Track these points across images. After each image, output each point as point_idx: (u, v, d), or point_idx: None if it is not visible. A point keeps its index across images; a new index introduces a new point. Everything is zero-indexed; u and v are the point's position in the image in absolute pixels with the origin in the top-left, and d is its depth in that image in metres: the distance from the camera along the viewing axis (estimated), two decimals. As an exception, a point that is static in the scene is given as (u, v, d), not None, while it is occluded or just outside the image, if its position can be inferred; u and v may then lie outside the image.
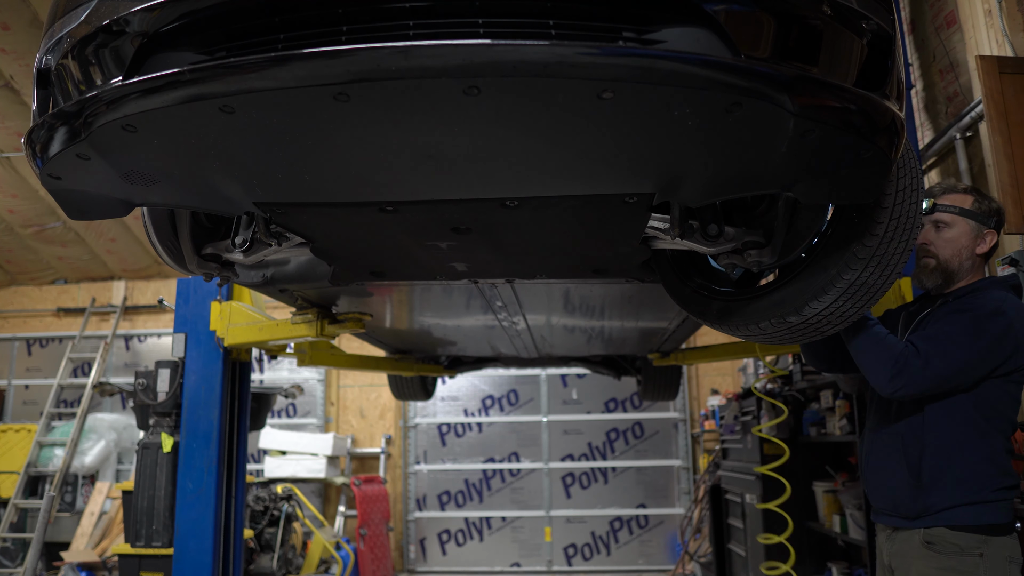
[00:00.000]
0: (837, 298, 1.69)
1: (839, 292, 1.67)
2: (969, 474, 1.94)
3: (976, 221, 2.09)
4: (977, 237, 2.09)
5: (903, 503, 2.01)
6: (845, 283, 1.65)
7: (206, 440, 3.42)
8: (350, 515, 7.82)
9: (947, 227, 2.10)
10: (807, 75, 1.18)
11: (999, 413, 1.97)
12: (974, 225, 2.09)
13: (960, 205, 2.10)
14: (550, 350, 4.53)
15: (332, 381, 8.83)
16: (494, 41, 1.06)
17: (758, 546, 5.02)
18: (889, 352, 1.94)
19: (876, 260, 1.63)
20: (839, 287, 1.67)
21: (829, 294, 1.68)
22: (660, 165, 1.39)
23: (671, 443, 8.38)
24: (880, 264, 1.64)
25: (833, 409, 4.45)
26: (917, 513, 1.98)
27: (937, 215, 2.12)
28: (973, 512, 1.92)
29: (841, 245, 1.65)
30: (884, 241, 1.61)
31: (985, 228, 2.09)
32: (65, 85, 1.30)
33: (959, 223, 2.09)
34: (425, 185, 1.48)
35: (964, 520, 1.92)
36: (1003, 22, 3.32)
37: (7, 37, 5.99)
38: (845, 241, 1.64)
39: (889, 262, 1.64)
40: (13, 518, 7.44)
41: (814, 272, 1.70)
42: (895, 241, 1.62)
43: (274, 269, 2.41)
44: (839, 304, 1.70)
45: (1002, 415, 1.97)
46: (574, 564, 8.23)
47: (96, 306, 9.19)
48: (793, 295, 1.75)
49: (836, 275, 1.66)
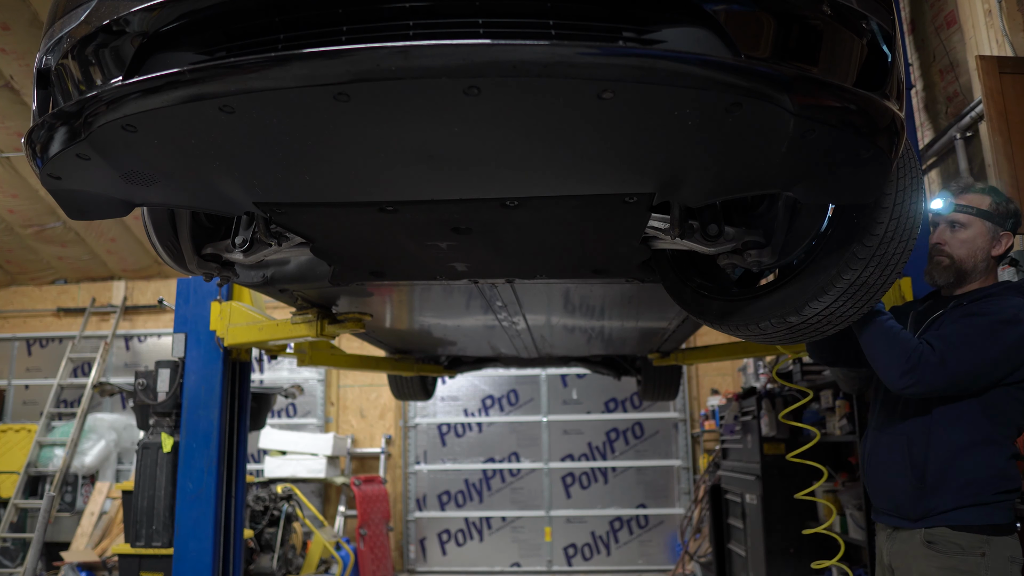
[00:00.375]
0: (837, 298, 1.69)
1: (839, 292, 1.68)
2: (973, 477, 1.93)
3: (992, 223, 2.05)
4: (993, 239, 2.05)
5: (905, 504, 2.01)
6: (845, 283, 1.66)
7: (206, 440, 3.42)
8: (350, 515, 7.82)
9: (963, 227, 2.06)
10: (807, 75, 1.18)
11: (1007, 419, 1.96)
12: (990, 227, 2.05)
13: (977, 206, 2.06)
14: (550, 350, 4.53)
15: (332, 381, 8.83)
16: (494, 41, 1.06)
17: (758, 546, 5.02)
18: (903, 347, 1.91)
19: (876, 260, 1.63)
20: (839, 287, 1.67)
21: (829, 294, 1.68)
22: (660, 165, 1.39)
23: (671, 443, 8.38)
24: (880, 264, 1.64)
25: (833, 409, 4.45)
26: (920, 515, 1.97)
27: (953, 215, 2.08)
28: (975, 513, 1.92)
29: (841, 245, 1.65)
30: (884, 241, 1.62)
31: (1001, 230, 2.05)
32: (65, 85, 1.30)
33: (975, 224, 2.05)
34: (425, 185, 1.48)
35: (966, 520, 1.91)
36: (1003, 22, 3.32)
37: (7, 37, 5.99)
38: (845, 241, 1.64)
39: (889, 262, 1.65)
40: (13, 518, 7.44)
41: (814, 272, 1.70)
42: (895, 241, 1.63)
43: (274, 269, 2.41)
44: (839, 304, 1.71)
45: (1010, 421, 1.96)
46: (574, 564, 8.23)
47: (96, 306, 9.19)
48: (793, 295, 1.75)
49: (836, 275, 1.66)
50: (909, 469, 2.00)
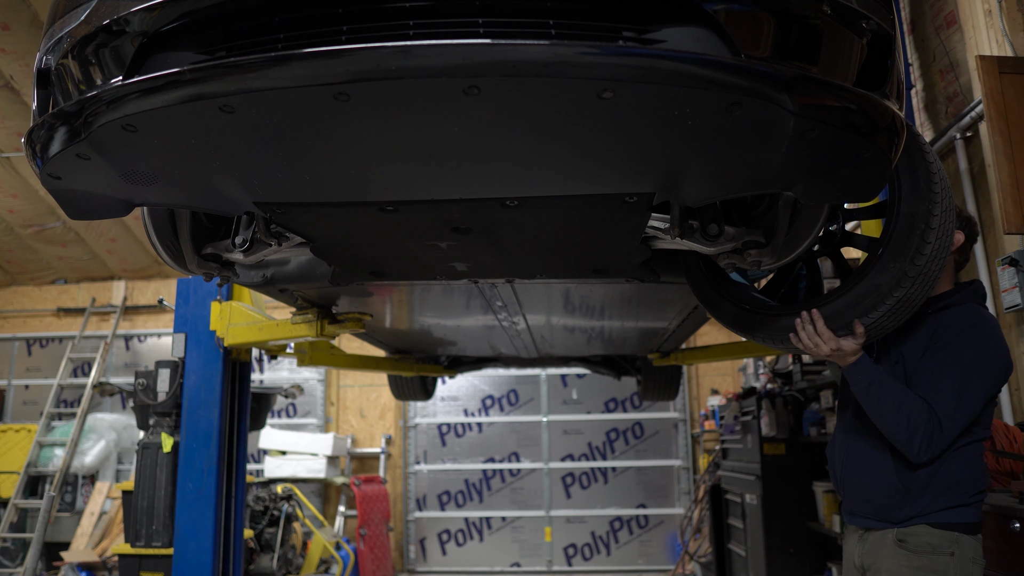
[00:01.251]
0: (884, 314, 1.78)
1: (887, 309, 1.76)
2: (960, 477, 1.95)
3: None
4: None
5: (887, 506, 2.00)
6: (894, 300, 1.74)
7: (206, 440, 3.42)
8: (350, 515, 7.82)
9: None
10: (807, 75, 1.18)
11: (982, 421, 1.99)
12: None
13: None
14: (550, 350, 4.53)
15: (332, 381, 8.83)
16: (494, 41, 1.06)
17: (758, 546, 5.02)
18: (910, 423, 1.90)
19: (922, 277, 1.72)
20: (888, 304, 1.75)
21: (878, 311, 1.77)
22: (660, 165, 1.39)
23: (671, 443, 8.38)
24: (923, 281, 1.73)
25: (833, 409, 4.45)
26: (903, 517, 1.97)
27: None
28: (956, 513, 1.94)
29: (894, 263, 1.71)
30: (930, 259, 1.70)
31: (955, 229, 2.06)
32: (65, 85, 1.30)
33: None
34: (425, 185, 1.48)
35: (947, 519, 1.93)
36: (1003, 22, 3.32)
37: (7, 37, 5.99)
38: (897, 259, 1.71)
39: (929, 278, 1.74)
40: (13, 518, 7.44)
41: (865, 290, 1.76)
42: (937, 259, 1.72)
43: (274, 269, 2.41)
44: (884, 319, 1.79)
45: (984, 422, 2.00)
46: (574, 564, 8.23)
47: (96, 306, 9.19)
48: (842, 312, 1.82)
49: (888, 293, 1.73)
50: (894, 472, 1.99)
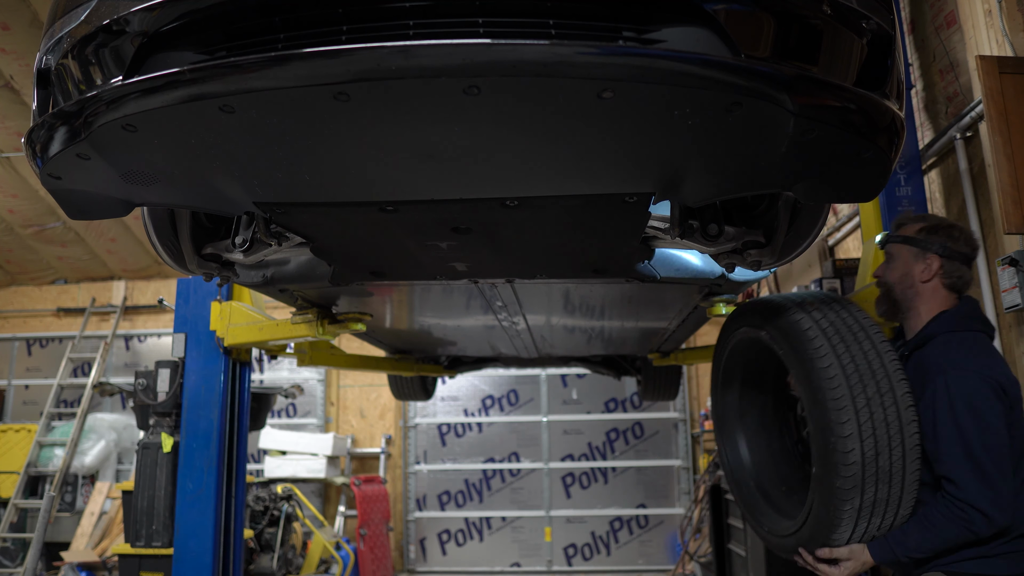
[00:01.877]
0: (854, 523, 1.87)
1: (849, 519, 1.86)
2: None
3: (917, 247, 2.02)
4: (919, 263, 2.01)
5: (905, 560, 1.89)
6: (852, 510, 1.87)
7: (206, 440, 3.42)
8: (350, 515, 7.82)
9: (892, 258, 2.07)
10: (807, 75, 1.18)
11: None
12: (915, 251, 2.02)
13: (905, 234, 2.06)
14: (550, 350, 4.53)
15: (332, 381, 8.83)
16: (494, 41, 1.06)
17: (758, 546, 5.02)
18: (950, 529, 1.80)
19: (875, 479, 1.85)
20: (847, 516, 1.85)
21: (843, 526, 1.86)
22: (660, 165, 1.39)
23: (671, 443, 8.38)
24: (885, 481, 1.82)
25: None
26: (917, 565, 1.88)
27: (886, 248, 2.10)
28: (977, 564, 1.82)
29: (821, 483, 1.85)
30: (862, 466, 1.80)
31: (928, 253, 2.00)
32: (65, 85, 1.30)
33: (901, 252, 2.05)
34: (425, 185, 1.48)
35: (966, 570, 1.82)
36: (1003, 22, 3.32)
37: (7, 37, 5.99)
38: (825, 476, 1.83)
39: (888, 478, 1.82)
40: (13, 518, 7.44)
41: (816, 518, 1.91)
42: (871, 467, 1.81)
43: (274, 269, 2.41)
44: (862, 524, 1.88)
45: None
46: (574, 564, 8.23)
47: (96, 306, 9.19)
48: (812, 539, 1.92)
49: (838, 510, 1.85)
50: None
